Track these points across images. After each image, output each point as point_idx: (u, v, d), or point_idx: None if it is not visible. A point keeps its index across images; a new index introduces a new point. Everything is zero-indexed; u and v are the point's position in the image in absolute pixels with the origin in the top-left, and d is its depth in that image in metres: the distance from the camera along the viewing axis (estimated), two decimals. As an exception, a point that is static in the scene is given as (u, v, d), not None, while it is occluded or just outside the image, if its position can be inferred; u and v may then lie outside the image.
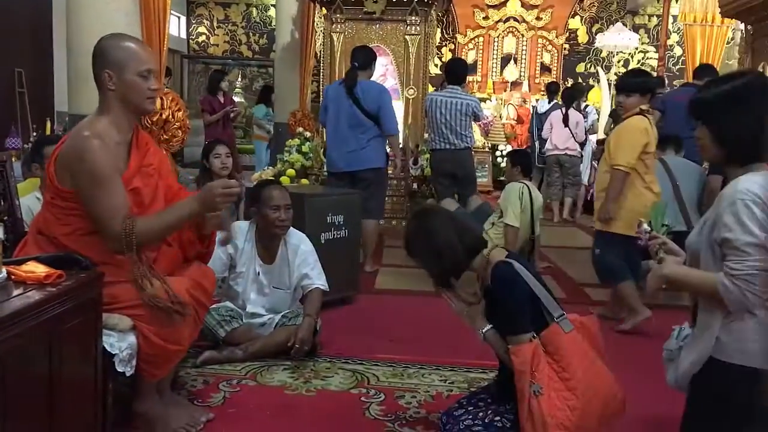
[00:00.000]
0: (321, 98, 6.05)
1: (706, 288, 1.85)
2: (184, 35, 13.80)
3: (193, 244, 2.56)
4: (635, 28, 12.80)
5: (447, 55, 12.97)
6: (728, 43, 10.46)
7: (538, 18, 12.63)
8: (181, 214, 2.35)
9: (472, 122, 5.81)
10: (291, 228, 3.48)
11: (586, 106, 9.19)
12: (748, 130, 1.84)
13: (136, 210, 2.32)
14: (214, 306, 3.32)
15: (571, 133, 8.00)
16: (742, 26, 7.57)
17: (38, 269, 1.97)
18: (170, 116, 3.81)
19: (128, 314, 2.27)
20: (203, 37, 13.98)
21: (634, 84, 4.00)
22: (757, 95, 1.87)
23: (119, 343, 2.23)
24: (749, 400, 1.78)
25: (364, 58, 5.18)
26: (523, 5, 12.67)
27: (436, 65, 12.35)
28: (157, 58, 3.95)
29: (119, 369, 2.23)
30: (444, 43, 13.18)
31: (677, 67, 12.78)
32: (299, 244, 3.48)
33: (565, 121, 7.99)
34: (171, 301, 2.28)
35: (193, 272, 2.54)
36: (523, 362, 2.19)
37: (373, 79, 5.38)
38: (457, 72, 5.86)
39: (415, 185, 6.84)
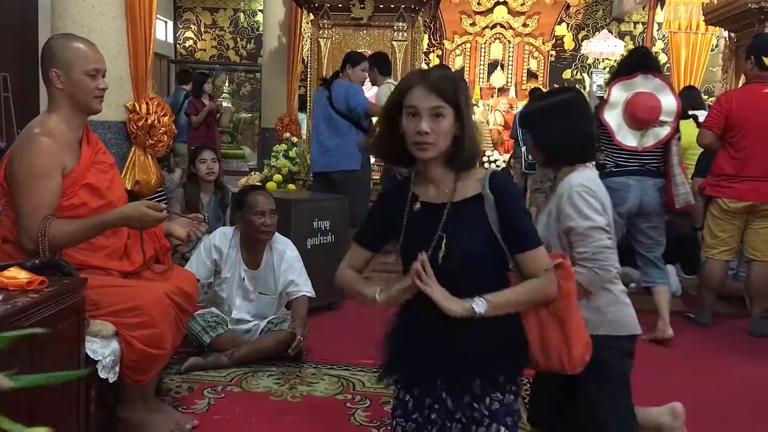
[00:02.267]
0: (311, 104, 6.10)
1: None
2: (171, 40, 13.75)
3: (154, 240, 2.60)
4: (621, 35, 12.89)
5: (434, 61, 13.00)
6: (712, 50, 10.54)
7: (524, 25, 12.71)
8: (103, 227, 2.34)
9: None
10: (276, 233, 3.48)
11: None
12: (563, 139, 2.19)
13: (95, 205, 2.35)
14: (199, 312, 3.31)
15: None
16: (726, 34, 7.64)
17: (20, 275, 1.95)
18: (156, 121, 3.79)
19: (111, 320, 2.26)
20: (190, 42, 13.95)
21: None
22: (571, 111, 2.24)
23: (102, 349, 2.22)
24: (605, 362, 2.04)
25: (349, 61, 5.26)
26: (509, 12, 12.74)
27: (423, 71, 12.38)
28: (144, 61, 3.93)
29: (102, 375, 2.22)
30: (431, 49, 13.21)
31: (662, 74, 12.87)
32: (285, 250, 3.48)
33: None
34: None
35: (175, 277, 2.54)
36: (571, 275, 1.80)
37: (359, 84, 5.40)
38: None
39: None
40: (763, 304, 4.23)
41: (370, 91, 6.31)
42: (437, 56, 13.18)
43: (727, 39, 7.53)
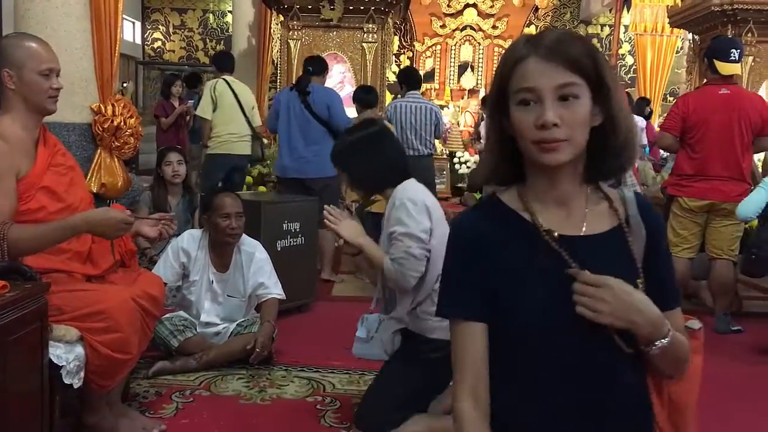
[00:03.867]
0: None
1: (379, 263, 2.37)
2: (139, 41, 13.60)
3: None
4: (588, 38, 13.05)
5: (405, 63, 13.04)
6: (677, 52, 10.74)
7: (494, 27, 12.80)
8: (64, 232, 2.25)
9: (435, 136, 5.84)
10: (245, 235, 3.46)
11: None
12: (381, 169, 2.44)
13: (54, 209, 2.29)
14: (167, 316, 3.27)
15: None
16: (690, 36, 7.78)
17: (-20, 280, 1.91)
18: (122, 123, 3.74)
19: (75, 325, 2.23)
20: (159, 43, 13.81)
21: (364, 100, 5.33)
22: (382, 140, 2.48)
23: (66, 354, 2.19)
24: (423, 356, 2.37)
25: (317, 66, 5.21)
26: (479, 14, 12.82)
27: (394, 72, 12.42)
28: (110, 63, 3.88)
29: (67, 381, 2.18)
30: (402, 51, 13.24)
31: (629, 75, 13.08)
32: (254, 252, 3.46)
33: None
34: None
35: (141, 281, 2.51)
36: (701, 349, 1.40)
37: (330, 86, 5.40)
38: (416, 78, 5.94)
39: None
40: (725, 302, 4.31)
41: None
42: (408, 58, 13.21)
43: (691, 41, 7.67)
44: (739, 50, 4.12)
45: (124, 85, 4.91)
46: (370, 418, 2.43)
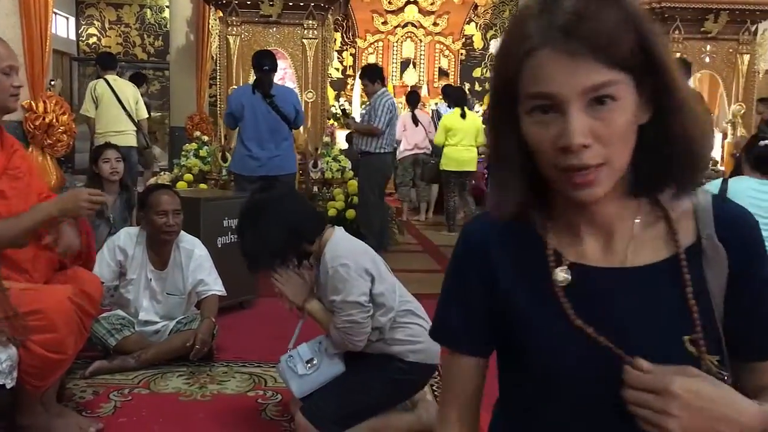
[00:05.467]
0: (222, 102, 5.99)
1: (325, 327, 2.42)
2: (73, 36, 13.23)
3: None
4: None
5: (348, 60, 13.08)
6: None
7: (435, 24, 12.96)
8: (36, 218, 2.23)
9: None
10: (183, 232, 3.44)
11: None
12: (295, 229, 2.35)
13: (5, 215, 2.23)
14: (104, 315, 3.23)
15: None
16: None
17: None
18: (54, 120, 3.67)
19: (8, 324, 2.19)
20: (94, 39, 13.47)
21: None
22: (287, 202, 2.39)
23: (-2, 354, 2.15)
24: (392, 375, 2.40)
25: (272, 62, 5.21)
26: (420, 11, 12.96)
27: (336, 69, 12.44)
28: (41, 59, 3.81)
29: (-1, 382, 2.15)
30: (344, 48, 13.27)
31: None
32: (193, 249, 3.44)
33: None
34: (6, 316, 2.14)
35: (76, 279, 2.47)
36: None
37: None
38: (383, 74, 6.14)
39: (315, 188, 6.87)
40: None
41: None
42: (350, 54, 13.25)
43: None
44: None
45: (52, 82, 4.81)
46: (312, 416, 2.38)
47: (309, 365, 2.46)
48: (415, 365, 2.41)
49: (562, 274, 0.89)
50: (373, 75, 5.96)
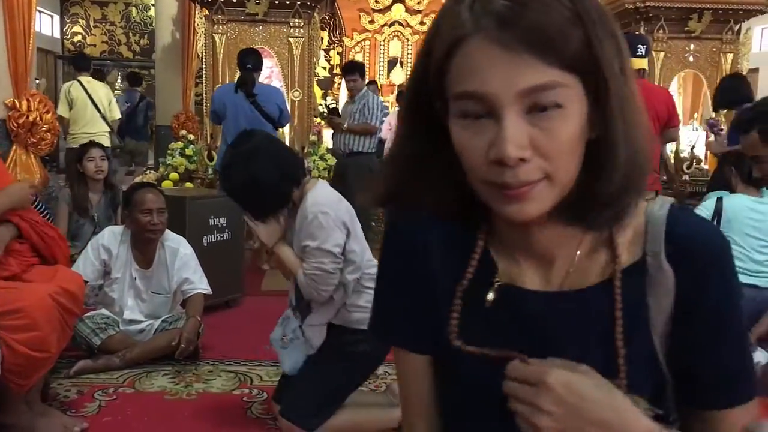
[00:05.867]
0: (208, 101, 5.97)
1: (293, 272, 2.38)
2: (57, 35, 13.14)
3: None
4: None
5: (335, 58, 13.06)
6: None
7: (421, 23, 12.95)
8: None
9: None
10: (168, 231, 3.43)
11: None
12: (285, 174, 2.32)
13: None
14: (88, 314, 3.22)
15: None
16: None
17: None
18: (38, 118, 3.65)
19: (-11, 324, 2.18)
20: (79, 37, 13.38)
21: None
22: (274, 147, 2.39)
23: (-20, 354, 2.14)
24: (348, 348, 2.41)
25: (255, 61, 5.19)
26: (407, 10, 12.96)
27: (323, 68, 12.41)
28: (24, 57, 3.78)
29: (-19, 381, 2.14)
30: (331, 47, 13.25)
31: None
32: (178, 248, 3.43)
33: None
34: None
35: (60, 278, 2.47)
36: None
37: (259, 81, 5.39)
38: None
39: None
40: None
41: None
42: (337, 53, 13.23)
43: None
44: (645, 45, 4.34)
45: (37, 81, 4.83)
46: (292, 415, 2.41)
47: (284, 338, 2.55)
48: (363, 332, 2.36)
49: (489, 294, 0.79)
50: (363, 71, 5.98)
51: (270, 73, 7.24)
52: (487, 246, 0.82)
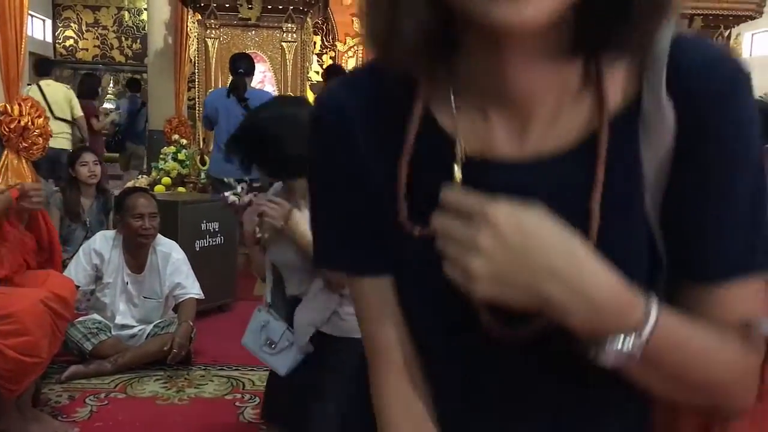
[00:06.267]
0: (200, 105, 5.96)
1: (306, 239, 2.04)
2: (49, 39, 13.10)
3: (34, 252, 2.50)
4: None
5: (328, 63, 13.08)
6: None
7: (414, 27, 13.01)
8: None
9: None
10: (160, 236, 3.42)
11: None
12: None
13: None
14: (80, 319, 3.22)
15: None
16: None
17: None
18: (29, 123, 3.64)
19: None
20: (71, 42, 13.34)
21: None
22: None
23: (-29, 359, 2.13)
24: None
25: (247, 65, 5.19)
26: (399, 15, 13.00)
27: (317, 72, 12.42)
28: (16, 61, 3.77)
29: (-29, 387, 2.13)
30: (325, 51, 13.26)
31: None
32: (170, 252, 3.43)
33: None
34: None
35: (50, 282, 2.46)
36: None
37: (251, 86, 5.39)
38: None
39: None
40: None
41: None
42: (330, 58, 13.25)
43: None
44: None
45: (28, 86, 4.85)
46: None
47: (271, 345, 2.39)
48: (357, 341, 2.22)
49: (455, 170, 0.62)
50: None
51: (263, 78, 7.25)
52: (428, 104, 0.64)
